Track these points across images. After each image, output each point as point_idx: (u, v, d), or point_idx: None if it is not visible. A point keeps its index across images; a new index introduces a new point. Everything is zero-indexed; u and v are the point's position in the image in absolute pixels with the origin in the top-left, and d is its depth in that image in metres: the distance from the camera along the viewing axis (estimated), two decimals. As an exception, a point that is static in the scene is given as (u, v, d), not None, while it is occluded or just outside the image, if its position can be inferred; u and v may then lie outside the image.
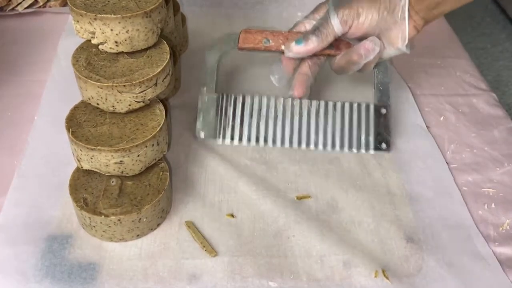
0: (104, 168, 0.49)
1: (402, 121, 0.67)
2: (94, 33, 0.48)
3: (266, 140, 0.59)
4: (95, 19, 0.47)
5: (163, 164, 0.55)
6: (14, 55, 0.76)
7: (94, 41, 0.48)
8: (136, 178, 0.53)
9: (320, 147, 0.59)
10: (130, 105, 0.49)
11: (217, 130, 0.59)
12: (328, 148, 0.59)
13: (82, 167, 0.50)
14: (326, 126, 0.59)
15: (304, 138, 0.59)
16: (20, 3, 0.83)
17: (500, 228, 0.55)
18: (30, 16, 0.84)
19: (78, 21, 0.48)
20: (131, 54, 0.51)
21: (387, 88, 0.62)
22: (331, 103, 0.61)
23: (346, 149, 0.59)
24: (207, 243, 0.52)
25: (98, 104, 0.49)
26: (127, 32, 0.48)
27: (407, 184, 0.59)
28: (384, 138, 0.60)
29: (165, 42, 0.53)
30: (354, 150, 0.59)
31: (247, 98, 0.60)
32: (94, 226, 0.51)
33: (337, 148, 0.59)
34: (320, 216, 0.55)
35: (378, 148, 0.60)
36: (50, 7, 0.85)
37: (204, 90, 0.59)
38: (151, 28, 0.49)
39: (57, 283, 0.48)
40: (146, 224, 0.52)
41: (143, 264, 0.50)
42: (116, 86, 0.48)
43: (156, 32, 0.50)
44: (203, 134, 0.59)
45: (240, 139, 0.59)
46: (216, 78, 0.59)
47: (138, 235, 0.52)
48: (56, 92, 0.68)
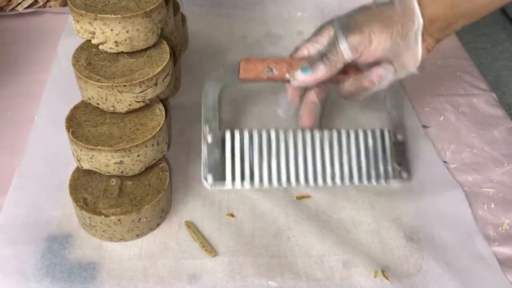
0: (104, 168, 0.49)
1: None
2: (94, 33, 0.48)
3: (279, 180, 0.53)
4: (95, 19, 0.47)
5: (163, 164, 0.55)
6: (14, 55, 0.76)
7: (94, 41, 0.48)
8: (136, 178, 0.53)
9: (337, 181, 0.54)
10: (130, 105, 0.49)
11: (225, 173, 0.52)
12: (346, 182, 0.54)
13: (82, 167, 0.50)
14: (342, 158, 0.54)
15: (319, 173, 0.54)
16: (20, 3, 0.83)
17: (500, 228, 0.55)
18: (30, 16, 0.84)
19: (78, 21, 0.48)
20: (131, 54, 0.51)
21: (401, 112, 0.58)
22: (344, 132, 0.55)
23: (365, 181, 0.54)
24: (207, 243, 0.52)
25: (98, 104, 0.49)
26: (127, 32, 0.48)
27: (407, 184, 0.59)
28: (404, 166, 0.56)
29: (165, 42, 0.53)
30: (374, 182, 0.55)
31: (254, 134, 0.54)
32: (94, 226, 0.51)
33: (355, 181, 0.54)
34: (320, 216, 0.56)
35: (399, 178, 0.56)
36: (50, 7, 0.85)
37: (206, 129, 0.53)
38: (151, 28, 0.49)
39: (57, 283, 0.48)
40: (146, 224, 0.52)
41: (143, 264, 0.50)
42: (116, 86, 0.48)
43: (156, 32, 0.50)
44: (210, 179, 0.52)
45: (252, 181, 0.53)
46: (218, 115, 0.53)
47: (138, 235, 0.52)
48: (56, 92, 0.68)
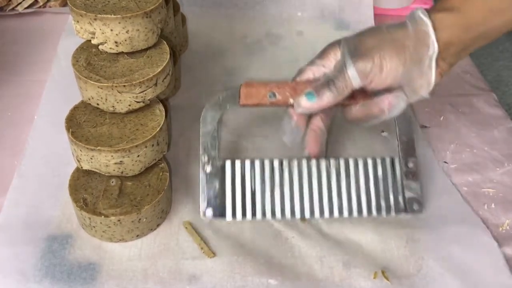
0: (104, 168, 0.49)
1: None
2: (94, 33, 0.48)
3: (283, 213, 0.50)
4: (95, 19, 0.47)
5: (163, 164, 0.55)
6: (14, 55, 0.76)
7: (94, 41, 0.48)
8: (136, 179, 0.53)
9: (345, 214, 0.51)
10: (130, 105, 0.49)
11: (225, 206, 0.49)
12: (354, 214, 0.51)
13: (82, 167, 0.50)
14: (349, 189, 0.52)
15: (326, 206, 0.51)
16: (20, 3, 0.83)
17: (500, 228, 0.55)
18: (30, 16, 0.84)
19: (78, 21, 0.48)
20: (131, 54, 0.51)
21: (412, 138, 0.54)
22: (352, 161, 0.52)
23: (374, 213, 0.52)
24: (205, 245, 0.52)
25: (98, 104, 0.49)
26: (127, 32, 0.48)
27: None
28: (415, 197, 0.53)
29: (165, 42, 0.53)
30: (384, 215, 0.52)
31: (256, 163, 0.51)
32: (94, 227, 0.51)
33: (364, 213, 0.51)
34: (320, 216, 0.55)
35: (410, 210, 0.52)
36: (50, 7, 0.85)
37: (205, 159, 0.50)
38: (151, 28, 0.49)
39: (57, 283, 0.48)
40: (146, 225, 0.52)
41: (143, 264, 0.50)
42: (116, 86, 0.48)
43: (156, 32, 0.50)
44: (210, 213, 0.49)
45: (254, 214, 0.50)
46: (218, 143, 0.51)
47: (138, 236, 0.52)
48: (56, 92, 0.68)
